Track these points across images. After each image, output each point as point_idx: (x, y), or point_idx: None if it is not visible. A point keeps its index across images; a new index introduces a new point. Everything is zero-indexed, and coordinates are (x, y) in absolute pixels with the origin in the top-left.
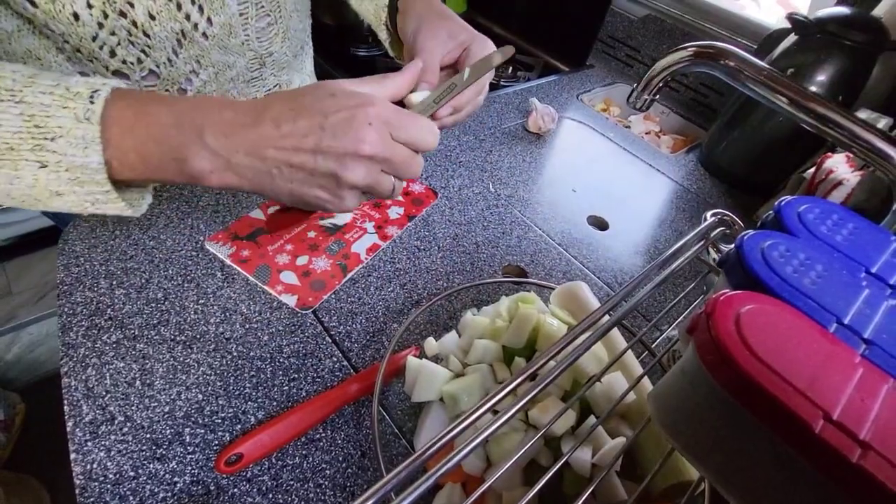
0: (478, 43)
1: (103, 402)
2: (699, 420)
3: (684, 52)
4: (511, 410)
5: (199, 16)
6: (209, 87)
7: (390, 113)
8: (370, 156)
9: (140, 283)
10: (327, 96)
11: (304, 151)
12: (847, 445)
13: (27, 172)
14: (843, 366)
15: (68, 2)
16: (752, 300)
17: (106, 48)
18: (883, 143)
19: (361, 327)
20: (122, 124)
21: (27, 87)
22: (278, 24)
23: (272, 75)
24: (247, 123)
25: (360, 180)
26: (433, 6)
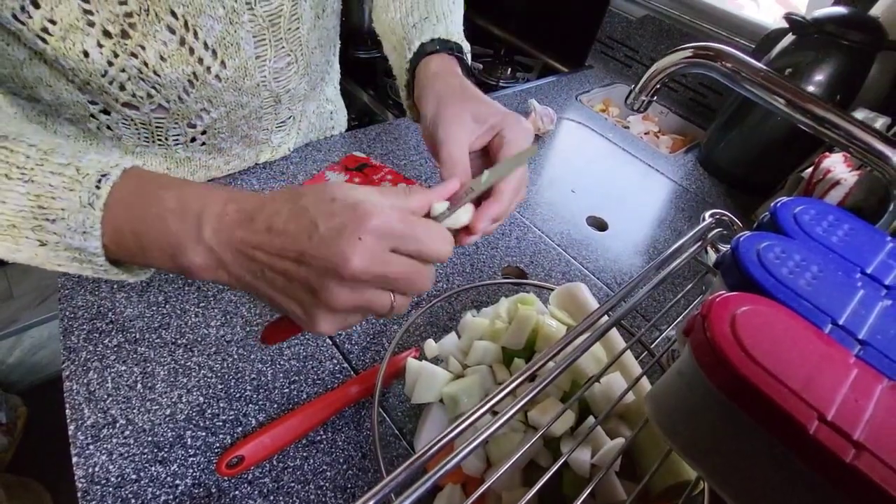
0: (510, 126)
1: (105, 406)
2: (696, 421)
3: (682, 54)
4: (510, 411)
5: (213, 60)
6: (220, 124)
7: (393, 223)
8: (355, 275)
9: (140, 286)
10: (328, 201)
11: (288, 259)
12: (841, 446)
13: (27, 248)
14: (838, 366)
15: (79, 40)
16: (748, 302)
17: (115, 83)
18: (880, 144)
19: (362, 329)
20: (126, 208)
21: (39, 165)
22: (298, 62)
23: (287, 109)
24: (243, 221)
25: (342, 303)
26: (453, 84)
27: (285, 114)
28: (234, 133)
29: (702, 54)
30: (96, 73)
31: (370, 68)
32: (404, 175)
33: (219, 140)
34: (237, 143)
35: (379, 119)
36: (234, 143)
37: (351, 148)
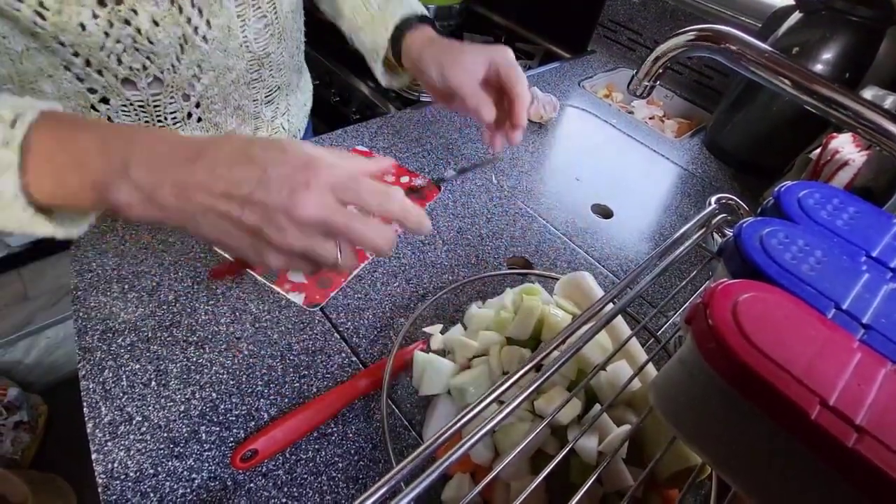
0: (500, 54)
1: (121, 403)
2: (699, 408)
3: (684, 37)
4: (516, 400)
5: (199, 19)
6: (211, 91)
7: (341, 177)
8: (302, 219)
9: (151, 286)
10: (278, 150)
11: (233, 201)
12: (843, 430)
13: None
14: (841, 351)
15: (74, 13)
16: (750, 289)
17: (113, 56)
18: (889, 124)
19: (369, 323)
20: (43, 150)
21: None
22: (274, 25)
23: (271, 76)
24: (180, 161)
25: (288, 245)
26: (444, 44)
27: (271, 81)
28: (227, 104)
29: (704, 37)
30: (95, 46)
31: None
32: (407, 168)
33: (213, 113)
34: (231, 115)
35: (380, 111)
36: (228, 117)
37: (353, 142)
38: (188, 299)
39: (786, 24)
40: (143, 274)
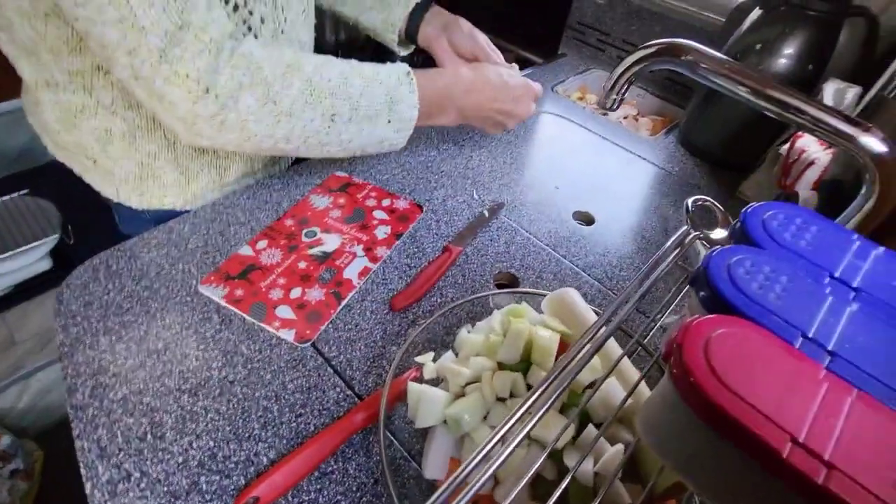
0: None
1: (118, 461)
2: (682, 440)
3: (646, 51)
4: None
5: None
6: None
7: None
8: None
9: (139, 335)
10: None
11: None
12: (813, 468)
13: (381, 127)
14: (808, 383)
15: None
16: (721, 324)
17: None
18: (844, 125)
19: (361, 354)
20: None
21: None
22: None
23: None
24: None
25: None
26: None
27: None
28: None
29: (665, 50)
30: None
31: None
32: (388, 190)
33: None
34: None
35: None
36: None
37: (331, 168)
38: (178, 346)
39: (748, 20)
40: (129, 324)
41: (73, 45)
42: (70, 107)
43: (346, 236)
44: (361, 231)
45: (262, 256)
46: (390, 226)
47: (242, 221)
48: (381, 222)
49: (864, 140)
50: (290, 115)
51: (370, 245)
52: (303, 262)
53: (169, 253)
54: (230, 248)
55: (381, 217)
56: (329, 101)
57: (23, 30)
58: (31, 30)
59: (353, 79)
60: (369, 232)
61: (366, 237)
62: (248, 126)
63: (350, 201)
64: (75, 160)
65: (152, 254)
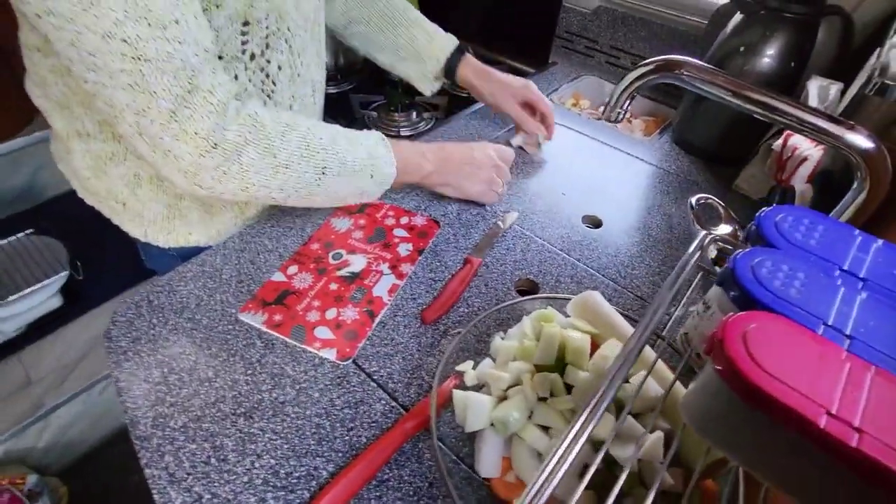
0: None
1: (187, 485)
2: (725, 422)
3: (645, 68)
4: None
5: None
6: None
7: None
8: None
9: (189, 365)
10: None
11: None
12: (847, 434)
13: (363, 181)
14: (834, 363)
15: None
16: (753, 319)
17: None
18: (829, 125)
19: (400, 367)
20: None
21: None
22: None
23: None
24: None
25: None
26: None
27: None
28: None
29: (662, 66)
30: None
31: (345, 103)
32: (404, 208)
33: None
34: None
35: None
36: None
37: None
38: (227, 373)
39: (730, 24)
40: (178, 355)
41: None
42: (100, 154)
43: (370, 256)
44: (385, 250)
45: (295, 281)
46: (411, 242)
47: (270, 249)
48: (402, 240)
49: (851, 138)
50: (287, 167)
51: (395, 262)
52: (334, 284)
53: (205, 284)
54: (263, 276)
55: (402, 235)
56: (321, 156)
57: (56, 86)
58: (63, 86)
59: (340, 139)
60: (392, 250)
61: (390, 255)
62: (247, 177)
63: (370, 222)
64: (105, 204)
65: (189, 286)
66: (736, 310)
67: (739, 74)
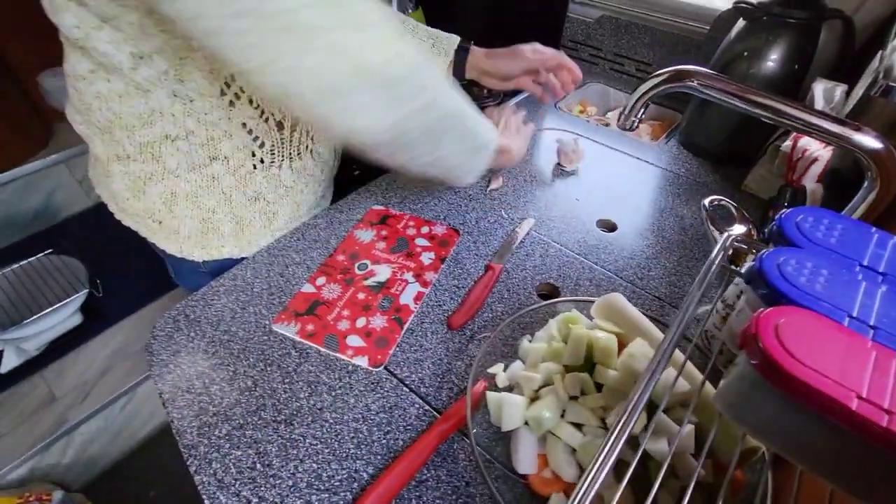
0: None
1: (235, 490)
2: (760, 410)
3: (658, 78)
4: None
5: None
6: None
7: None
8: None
9: (228, 376)
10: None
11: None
12: (878, 415)
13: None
14: (860, 352)
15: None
16: (783, 314)
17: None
18: (838, 128)
19: (430, 371)
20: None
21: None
22: None
23: None
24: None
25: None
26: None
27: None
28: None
29: (674, 76)
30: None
31: None
32: (424, 218)
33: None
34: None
35: None
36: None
37: (368, 202)
38: (265, 381)
39: (734, 29)
40: (217, 366)
41: (144, 119)
42: (139, 175)
43: (395, 265)
44: (408, 259)
45: (324, 292)
46: (433, 251)
47: (298, 262)
48: (423, 249)
49: (859, 139)
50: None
51: (419, 271)
52: (361, 294)
53: (238, 298)
54: (293, 288)
55: (423, 244)
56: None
57: (100, 112)
58: (108, 111)
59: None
60: (415, 259)
61: (413, 264)
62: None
63: (392, 232)
64: (142, 223)
65: (223, 300)
66: (764, 306)
67: (745, 78)
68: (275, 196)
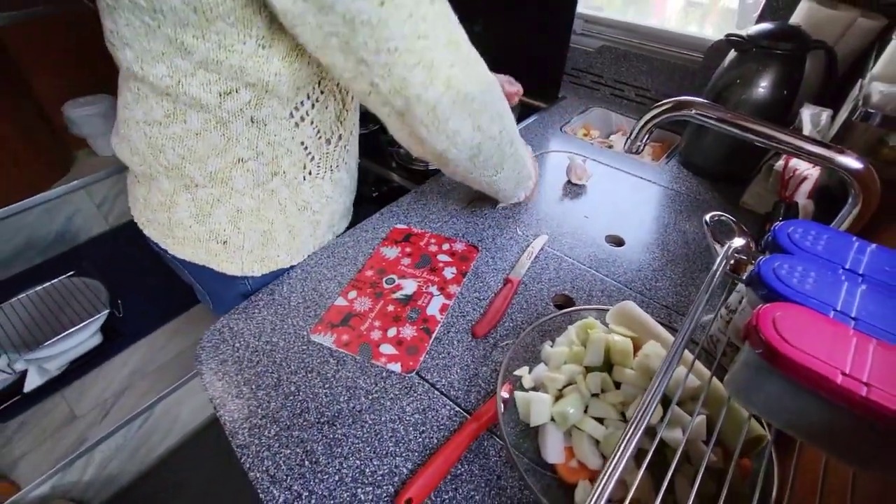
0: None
1: (287, 484)
2: (764, 391)
3: (661, 108)
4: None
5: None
6: None
7: None
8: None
9: (272, 382)
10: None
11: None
12: (858, 386)
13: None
14: (844, 338)
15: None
16: (779, 309)
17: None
18: (821, 150)
19: (458, 376)
20: None
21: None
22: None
23: None
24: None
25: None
26: None
27: None
28: None
29: (675, 106)
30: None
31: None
32: (444, 235)
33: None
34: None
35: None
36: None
37: (391, 222)
38: (307, 387)
39: (727, 59)
40: (262, 374)
41: (220, 148)
42: (206, 199)
43: (420, 280)
44: (432, 273)
45: (356, 304)
46: (455, 266)
47: (329, 277)
48: (446, 264)
49: (843, 160)
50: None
51: (442, 285)
52: (390, 306)
53: (277, 311)
54: (326, 301)
55: (445, 260)
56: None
57: (173, 151)
58: (181, 149)
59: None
60: (439, 273)
61: (437, 278)
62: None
63: (415, 249)
64: (202, 247)
65: (263, 313)
66: (763, 304)
67: (738, 104)
68: (319, 205)
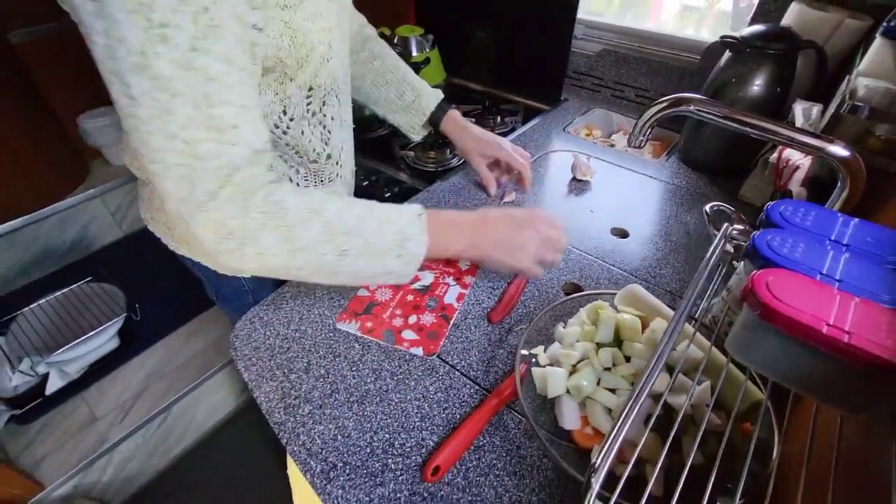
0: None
1: (323, 456)
2: (761, 348)
3: (661, 105)
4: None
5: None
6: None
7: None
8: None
9: (303, 366)
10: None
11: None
12: (840, 335)
13: (389, 261)
14: (829, 296)
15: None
16: (772, 273)
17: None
18: (813, 140)
19: (476, 358)
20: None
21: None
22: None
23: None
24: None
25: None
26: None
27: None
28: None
29: (675, 102)
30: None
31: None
32: None
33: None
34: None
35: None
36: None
37: None
38: (336, 370)
39: (722, 59)
40: (293, 358)
41: None
42: None
43: (436, 271)
44: (447, 265)
45: (377, 294)
46: None
47: None
48: None
49: (832, 149)
50: (306, 250)
51: (458, 275)
52: (410, 296)
53: (303, 302)
54: (349, 292)
55: None
56: (343, 239)
57: None
58: None
59: (369, 221)
60: (454, 265)
61: (452, 269)
62: (265, 259)
63: None
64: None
65: (291, 304)
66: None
67: (734, 101)
68: None
